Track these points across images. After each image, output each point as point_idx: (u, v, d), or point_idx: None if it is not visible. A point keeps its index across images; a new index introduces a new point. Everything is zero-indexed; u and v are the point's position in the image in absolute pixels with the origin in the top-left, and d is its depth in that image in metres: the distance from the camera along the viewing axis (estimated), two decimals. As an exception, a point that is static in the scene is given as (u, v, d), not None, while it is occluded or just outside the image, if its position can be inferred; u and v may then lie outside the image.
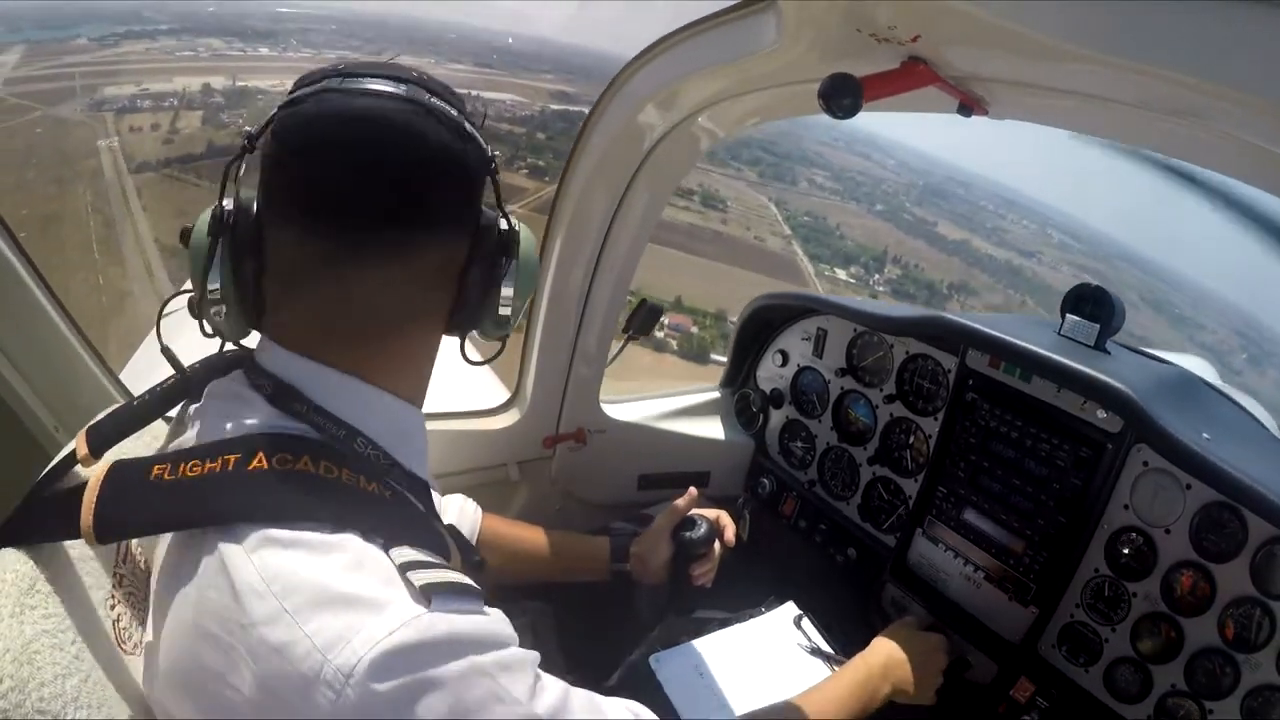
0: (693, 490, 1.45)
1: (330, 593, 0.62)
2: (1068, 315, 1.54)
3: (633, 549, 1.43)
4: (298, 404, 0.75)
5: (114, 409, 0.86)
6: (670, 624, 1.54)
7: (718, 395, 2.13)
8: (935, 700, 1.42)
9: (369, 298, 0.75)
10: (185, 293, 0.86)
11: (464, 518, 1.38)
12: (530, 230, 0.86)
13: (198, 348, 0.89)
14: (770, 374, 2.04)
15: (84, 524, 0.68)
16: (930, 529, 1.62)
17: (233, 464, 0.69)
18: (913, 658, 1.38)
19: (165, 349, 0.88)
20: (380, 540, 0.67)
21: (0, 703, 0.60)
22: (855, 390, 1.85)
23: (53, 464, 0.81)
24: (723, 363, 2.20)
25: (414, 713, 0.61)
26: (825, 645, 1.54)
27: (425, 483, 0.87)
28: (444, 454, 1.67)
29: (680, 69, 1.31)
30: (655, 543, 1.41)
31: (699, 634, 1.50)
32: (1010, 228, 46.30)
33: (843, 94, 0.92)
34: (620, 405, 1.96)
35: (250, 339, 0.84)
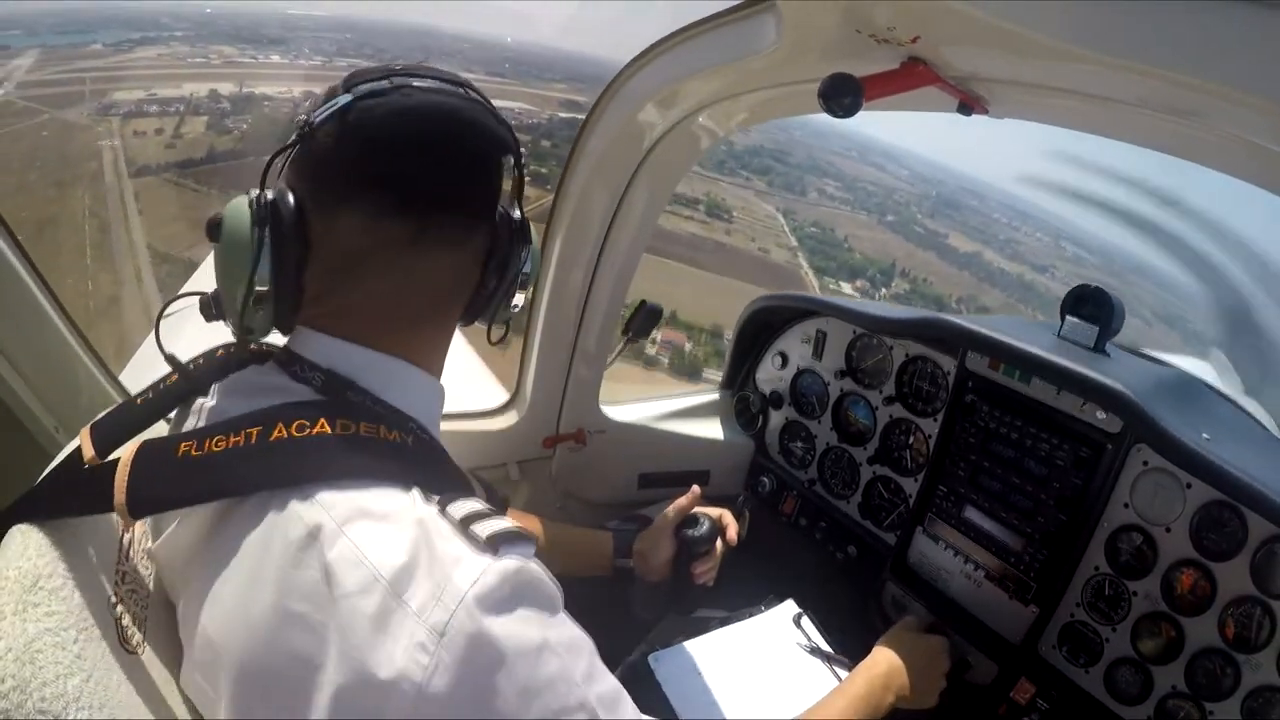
0: (695, 489, 1.45)
1: (417, 558, 0.64)
2: (1067, 317, 1.54)
3: (636, 545, 1.43)
4: (353, 394, 0.77)
5: (116, 407, 0.86)
6: (669, 622, 1.54)
7: (717, 397, 2.13)
8: (937, 703, 1.42)
9: (429, 278, 0.80)
10: (193, 294, 0.86)
11: None
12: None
13: (197, 348, 0.89)
14: (770, 376, 2.05)
15: (118, 501, 0.68)
16: (931, 527, 1.62)
17: (255, 437, 0.70)
18: (915, 663, 1.38)
19: (170, 357, 0.87)
20: (437, 498, 0.70)
21: (2, 702, 0.60)
22: (855, 392, 1.86)
23: (56, 460, 0.81)
24: (715, 381, 2.21)
25: (500, 674, 0.63)
26: (824, 643, 1.54)
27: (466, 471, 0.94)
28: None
29: (680, 69, 1.31)
30: (658, 540, 1.41)
31: (698, 632, 1.50)
32: (1023, 240, 45.51)
33: (843, 93, 0.93)
34: (620, 406, 1.96)
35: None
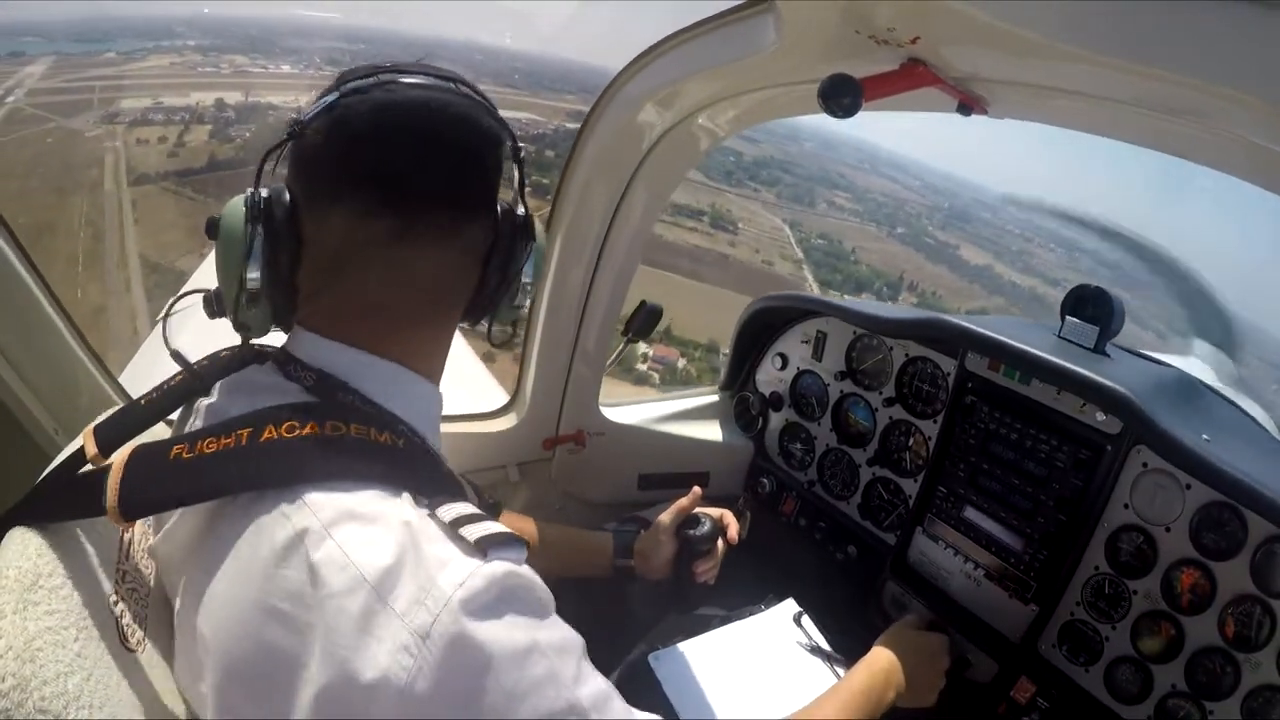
0: (697, 489, 1.46)
1: (402, 560, 0.63)
2: (1067, 317, 1.55)
3: (637, 545, 1.43)
4: (343, 394, 0.77)
5: (120, 408, 0.86)
6: (669, 622, 1.54)
7: (717, 398, 2.13)
8: (936, 701, 1.42)
9: (419, 276, 0.79)
10: (195, 292, 0.86)
11: None
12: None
13: (196, 349, 0.89)
14: (769, 377, 2.05)
15: (109, 504, 0.68)
16: (930, 527, 1.62)
17: (246, 438, 0.70)
18: (915, 660, 1.38)
19: (176, 353, 0.87)
20: (426, 500, 0.70)
21: (2, 701, 0.60)
22: (855, 393, 1.86)
23: (57, 461, 0.81)
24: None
25: (485, 678, 0.62)
26: (824, 643, 1.53)
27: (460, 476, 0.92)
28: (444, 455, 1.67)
29: (680, 70, 1.31)
30: (659, 540, 1.42)
31: (698, 631, 1.50)
32: (1036, 251, 45.10)
33: (842, 94, 0.93)
34: (619, 408, 1.96)
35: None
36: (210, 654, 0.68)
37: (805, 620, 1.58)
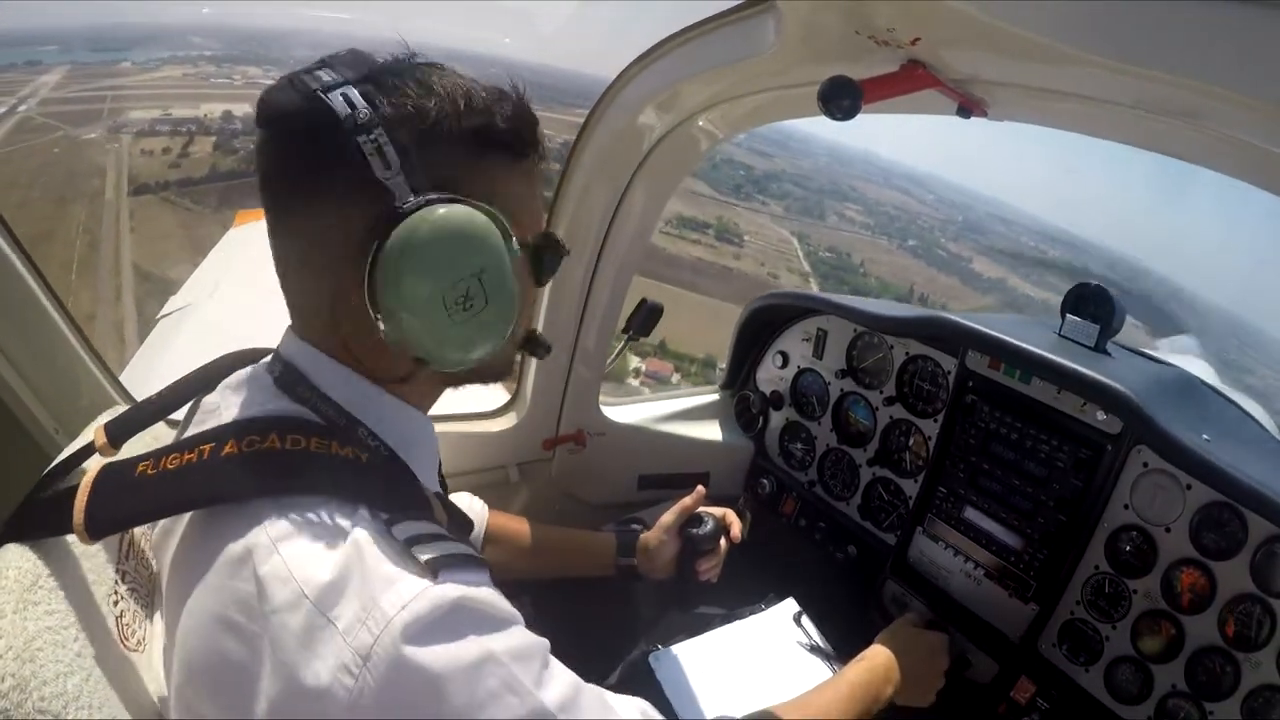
0: (700, 488, 1.46)
1: (345, 577, 0.63)
2: (1068, 316, 1.54)
3: (639, 544, 1.44)
4: (301, 388, 0.77)
5: (132, 406, 0.88)
6: (669, 621, 1.54)
7: (717, 398, 2.13)
8: (935, 701, 1.42)
9: (300, 273, 0.76)
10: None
11: (470, 515, 1.39)
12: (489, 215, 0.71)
13: (195, 349, 0.89)
14: (770, 376, 2.05)
15: (76, 522, 0.69)
16: (930, 527, 1.62)
17: (208, 453, 0.70)
18: (914, 658, 1.38)
19: None
20: (384, 516, 0.68)
21: (1, 701, 0.60)
22: (855, 392, 1.86)
23: (56, 461, 0.81)
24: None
25: (432, 700, 0.61)
26: (824, 642, 1.54)
27: (431, 493, 0.85)
28: (444, 456, 1.66)
29: (680, 71, 1.31)
30: (662, 538, 1.42)
31: (698, 631, 1.50)
32: (1051, 263, 44.25)
33: (842, 96, 0.93)
34: (620, 408, 1.96)
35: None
36: (175, 658, 0.69)
37: (805, 620, 1.58)
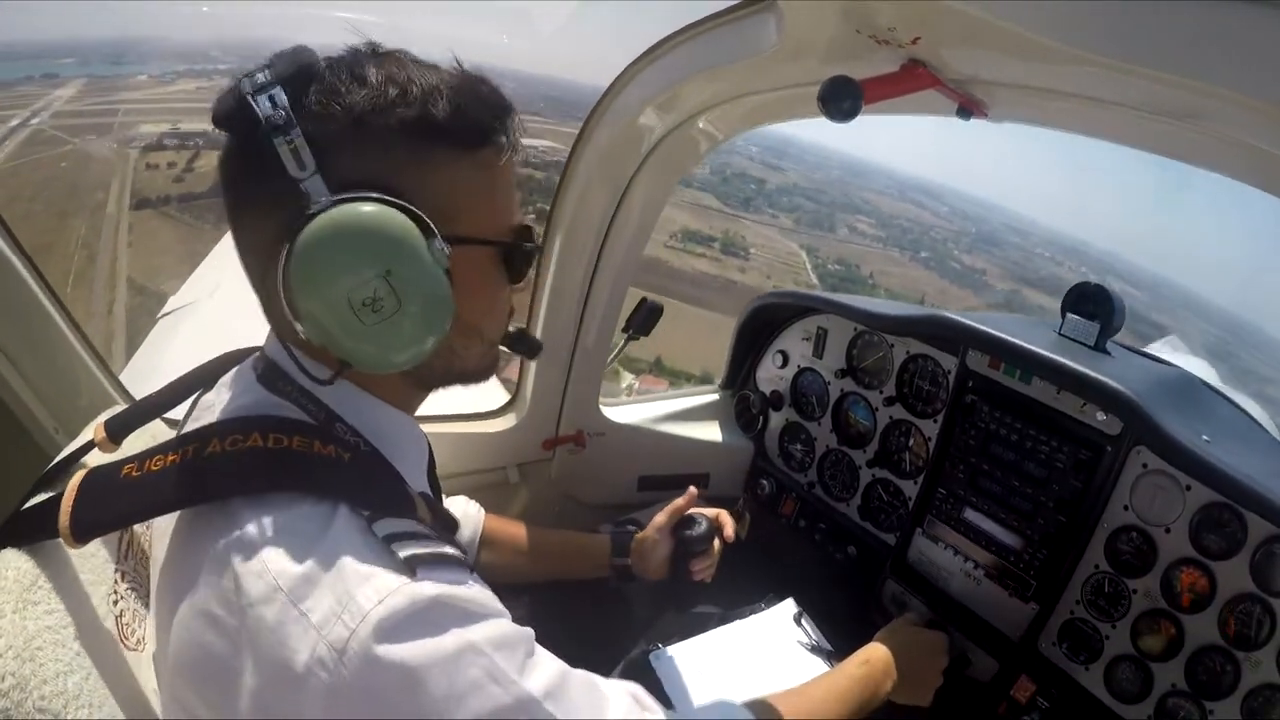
0: (693, 489, 1.46)
1: (320, 571, 0.63)
2: (1068, 314, 1.54)
3: (633, 545, 1.44)
4: (282, 383, 0.77)
5: (139, 401, 0.88)
6: (670, 621, 1.54)
7: (717, 398, 2.13)
8: (934, 700, 1.42)
9: (249, 274, 0.76)
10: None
11: (467, 519, 1.40)
12: (396, 212, 0.67)
13: (195, 348, 0.89)
14: (770, 375, 2.05)
15: (61, 525, 0.70)
16: (930, 528, 1.62)
17: (191, 453, 0.70)
18: (914, 657, 1.38)
19: None
20: (365, 513, 0.68)
21: (1, 700, 0.60)
22: (855, 392, 1.86)
23: (56, 460, 0.81)
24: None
25: (409, 694, 0.61)
26: (824, 642, 1.54)
27: (417, 493, 0.82)
28: (443, 456, 1.66)
29: (680, 71, 1.31)
30: (655, 539, 1.42)
31: (698, 630, 1.50)
32: (1066, 275, 43.35)
33: (842, 97, 0.92)
34: (620, 408, 1.96)
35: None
36: (165, 654, 0.69)
37: (805, 620, 1.58)
